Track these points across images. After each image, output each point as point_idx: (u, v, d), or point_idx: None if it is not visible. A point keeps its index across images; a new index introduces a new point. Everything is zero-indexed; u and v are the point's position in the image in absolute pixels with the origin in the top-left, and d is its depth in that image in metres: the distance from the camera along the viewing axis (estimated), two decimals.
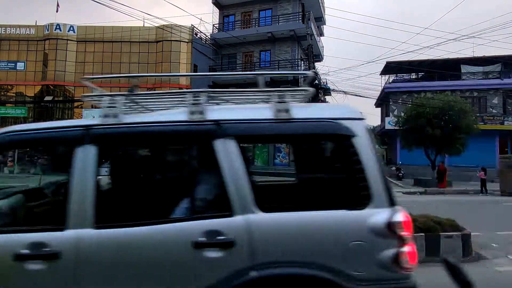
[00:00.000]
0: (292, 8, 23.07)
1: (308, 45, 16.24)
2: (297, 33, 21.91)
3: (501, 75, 23.13)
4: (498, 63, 23.19)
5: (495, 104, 22.65)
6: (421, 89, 23.64)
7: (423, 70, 25.14)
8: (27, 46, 22.95)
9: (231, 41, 23.12)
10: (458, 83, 23.26)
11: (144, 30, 22.22)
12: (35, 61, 22.90)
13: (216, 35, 23.97)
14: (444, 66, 23.94)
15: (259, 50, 23.75)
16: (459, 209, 9.11)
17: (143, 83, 22.34)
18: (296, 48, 22.95)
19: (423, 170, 20.65)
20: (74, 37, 22.64)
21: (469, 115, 16.51)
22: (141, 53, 22.33)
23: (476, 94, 22.99)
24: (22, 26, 23.23)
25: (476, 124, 17.16)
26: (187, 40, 21.89)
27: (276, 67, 22.48)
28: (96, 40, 22.60)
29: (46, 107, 22.59)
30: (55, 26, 22.43)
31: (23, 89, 23.22)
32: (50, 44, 22.44)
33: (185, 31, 21.75)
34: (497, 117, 22.16)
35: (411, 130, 17.23)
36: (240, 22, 24.42)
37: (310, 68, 15.94)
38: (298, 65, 21.74)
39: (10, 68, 22.95)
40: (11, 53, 23.06)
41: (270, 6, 23.73)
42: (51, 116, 22.75)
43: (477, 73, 23.93)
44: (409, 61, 24.66)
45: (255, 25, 23.68)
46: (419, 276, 4.42)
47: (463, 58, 24.12)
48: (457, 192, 15.83)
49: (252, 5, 24.11)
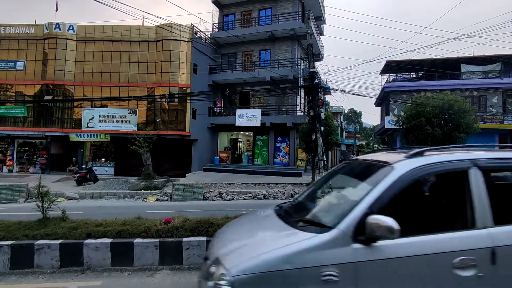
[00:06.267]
0: (292, 7, 23.07)
1: (308, 44, 16.20)
2: (297, 32, 21.92)
3: (501, 75, 23.13)
4: (498, 62, 23.20)
5: (495, 103, 22.67)
6: (421, 88, 23.67)
7: (423, 69, 25.15)
8: (27, 45, 22.89)
9: (231, 40, 23.12)
10: (458, 82, 23.26)
11: (143, 29, 22.17)
12: (34, 61, 22.84)
13: (216, 34, 23.96)
14: (444, 65, 23.95)
15: (259, 49, 23.76)
16: None
17: (143, 83, 22.35)
18: (296, 48, 22.96)
19: None
20: (74, 36, 22.59)
21: (469, 114, 16.50)
22: (140, 52, 22.28)
23: (476, 93, 23.00)
24: (21, 25, 23.18)
25: (477, 123, 17.16)
26: (187, 39, 21.85)
27: (276, 66, 22.50)
28: (95, 40, 22.55)
29: (46, 106, 22.55)
30: (55, 25, 22.37)
31: (22, 89, 23.16)
32: (50, 43, 22.38)
33: (185, 30, 21.72)
34: (496, 116, 22.18)
35: (411, 129, 17.23)
36: (240, 21, 24.41)
37: (310, 67, 15.91)
38: (298, 64, 21.72)
39: (10, 67, 22.90)
40: (11, 52, 23.00)
41: (270, 5, 23.73)
42: (50, 116, 22.73)
43: (477, 72, 23.93)
44: (409, 60, 24.68)
45: (255, 24, 23.68)
46: None
47: (463, 58, 24.12)
48: None
49: (252, 4, 24.11)
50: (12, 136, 23.26)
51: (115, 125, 21.81)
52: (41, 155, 23.36)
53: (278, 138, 22.74)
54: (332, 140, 17.59)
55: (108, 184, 15.69)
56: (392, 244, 2.04)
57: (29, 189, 12.75)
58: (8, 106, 23.02)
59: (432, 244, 2.08)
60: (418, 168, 2.28)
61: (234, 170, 21.57)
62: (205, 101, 22.73)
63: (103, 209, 10.39)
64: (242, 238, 2.49)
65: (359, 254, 2.03)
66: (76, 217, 5.61)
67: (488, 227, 2.14)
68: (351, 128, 53.77)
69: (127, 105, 22.10)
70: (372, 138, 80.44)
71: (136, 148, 16.43)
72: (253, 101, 24.05)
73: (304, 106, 22.90)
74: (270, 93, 22.66)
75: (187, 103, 21.69)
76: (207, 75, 23.51)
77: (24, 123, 22.93)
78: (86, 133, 22.07)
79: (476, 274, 2.01)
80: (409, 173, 2.25)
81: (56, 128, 22.50)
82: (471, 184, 2.23)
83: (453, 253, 2.05)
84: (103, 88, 22.52)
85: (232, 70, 23.91)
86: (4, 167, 23.39)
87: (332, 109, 43.44)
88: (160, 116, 22.15)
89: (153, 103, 22.38)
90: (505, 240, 2.10)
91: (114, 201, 13.01)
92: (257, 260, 2.03)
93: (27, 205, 11.33)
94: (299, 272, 1.97)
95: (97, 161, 23.52)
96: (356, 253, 2.03)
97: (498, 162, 2.43)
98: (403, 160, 2.38)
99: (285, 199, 12.70)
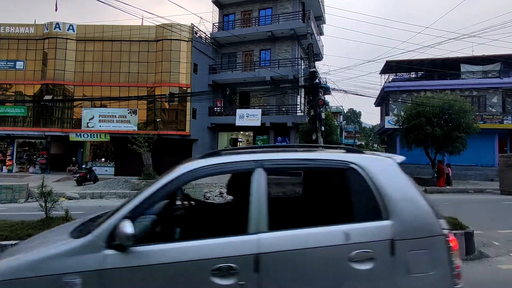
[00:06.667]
0: (292, 7, 23.08)
1: (309, 44, 16.20)
2: (297, 32, 21.92)
3: (500, 74, 23.18)
4: (497, 62, 23.25)
5: (495, 103, 22.71)
6: (420, 88, 23.71)
7: (422, 69, 25.19)
8: (27, 45, 22.85)
9: (231, 40, 23.12)
10: (458, 82, 23.30)
11: (144, 29, 22.15)
12: (34, 60, 22.80)
13: (216, 34, 23.95)
14: (444, 65, 23.98)
15: (259, 49, 23.76)
16: (459, 208, 9.14)
17: (143, 82, 22.33)
18: (296, 47, 22.97)
19: (423, 169, 20.73)
20: (74, 36, 22.55)
21: (469, 114, 16.53)
22: (140, 52, 22.26)
23: (475, 93, 23.04)
24: (21, 25, 23.14)
25: (476, 123, 17.20)
26: (187, 39, 21.84)
27: (276, 66, 22.50)
28: (95, 39, 22.52)
29: (46, 106, 22.53)
30: (55, 25, 22.34)
31: (22, 88, 23.12)
32: (50, 43, 22.34)
33: (185, 30, 21.70)
34: (496, 116, 22.22)
35: (411, 129, 17.26)
36: (240, 21, 24.41)
37: (310, 67, 15.91)
38: (298, 64, 21.73)
39: (9, 67, 22.85)
40: (10, 52, 22.96)
41: (270, 5, 23.73)
42: (50, 116, 22.71)
43: (476, 72, 23.98)
44: (409, 60, 24.71)
45: (255, 24, 23.68)
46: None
47: (463, 57, 24.16)
48: (457, 191, 15.89)
49: (252, 4, 24.11)
50: (12, 136, 23.23)
51: (115, 125, 21.79)
52: (41, 155, 23.33)
53: (278, 138, 22.75)
54: (333, 140, 17.65)
55: (108, 184, 15.67)
56: (151, 250, 1.92)
57: (30, 189, 12.74)
58: (8, 106, 22.99)
59: (192, 250, 1.93)
60: (197, 169, 2.15)
61: None
62: (205, 101, 22.73)
63: (104, 209, 10.37)
64: (27, 247, 2.26)
65: (110, 261, 1.89)
66: (78, 217, 5.61)
67: (261, 232, 1.98)
68: (350, 128, 53.84)
69: (127, 105, 22.08)
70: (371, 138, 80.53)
71: (137, 148, 16.42)
72: (253, 101, 24.06)
73: (304, 106, 22.91)
74: (270, 93, 22.67)
75: (187, 103, 21.68)
76: (207, 75, 23.51)
77: (24, 123, 22.89)
78: (86, 133, 22.05)
79: (236, 282, 1.87)
80: (186, 174, 2.13)
81: (56, 128, 22.47)
82: (252, 186, 2.07)
83: (212, 261, 1.89)
84: (103, 88, 22.50)
85: (232, 70, 23.91)
86: (3, 167, 23.35)
87: (331, 109, 43.47)
88: (160, 116, 22.14)
89: (153, 103, 22.38)
90: (273, 247, 1.93)
91: (114, 200, 13.00)
92: (3, 266, 1.94)
93: (27, 205, 11.32)
94: (40, 280, 1.84)
95: (97, 161, 23.49)
96: (106, 260, 1.89)
97: (282, 164, 2.25)
98: (191, 161, 2.28)
99: None
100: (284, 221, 2.05)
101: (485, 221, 7.55)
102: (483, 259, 4.89)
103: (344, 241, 1.95)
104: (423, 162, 20.45)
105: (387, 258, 1.94)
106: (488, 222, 7.47)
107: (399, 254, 1.94)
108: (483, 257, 4.96)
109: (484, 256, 5.00)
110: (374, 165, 2.17)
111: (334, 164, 2.21)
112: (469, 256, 4.90)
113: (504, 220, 8.17)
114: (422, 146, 17.51)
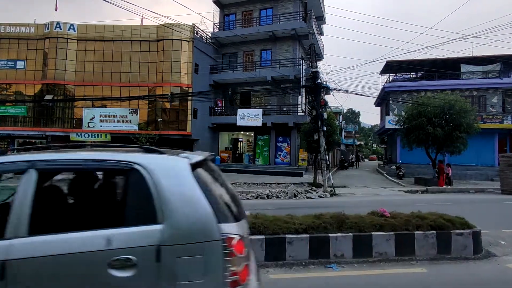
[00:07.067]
0: (293, 7, 23.11)
1: (311, 44, 16.24)
2: (298, 32, 21.96)
3: (500, 75, 23.28)
4: (497, 63, 23.34)
5: (495, 103, 22.80)
6: (421, 88, 23.79)
7: (423, 69, 25.26)
8: (27, 44, 22.79)
9: (232, 40, 23.14)
10: (458, 82, 23.38)
11: (144, 29, 22.14)
12: (35, 60, 22.74)
13: (217, 34, 23.96)
14: (444, 65, 24.06)
15: (260, 49, 23.79)
16: (462, 207, 9.18)
17: (144, 82, 22.32)
18: (297, 47, 23.01)
19: (424, 169, 20.81)
20: (74, 35, 22.51)
21: (470, 114, 16.60)
22: (141, 52, 22.24)
23: (475, 93, 23.12)
24: (21, 24, 23.07)
25: (477, 123, 17.26)
26: (188, 39, 21.84)
27: (277, 66, 22.53)
28: (96, 39, 22.49)
29: (46, 106, 22.48)
30: (55, 24, 22.29)
31: (22, 88, 23.06)
32: (50, 42, 22.29)
33: (186, 30, 21.70)
34: (496, 116, 22.30)
35: (412, 129, 17.31)
36: (241, 21, 24.43)
37: (312, 67, 15.95)
38: (299, 64, 21.77)
39: (10, 67, 22.78)
40: (11, 52, 22.89)
41: (271, 5, 23.76)
42: (51, 115, 22.66)
43: (476, 72, 24.07)
44: (409, 60, 24.77)
45: (256, 24, 23.70)
46: (430, 273, 4.46)
47: (463, 58, 24.25)
48: (458, 191, 15.96)
49: (253, 4, 24.13)
50: (12, 136, 23.17)
51: (116, 125, 21.77)
52: None
53: (279, 138, 22.77)
54: (334, 139, 17.64)
55: None
56: None
57: None
58: (8, 106, 22.92)
59: None
60: None
61: (235, 169, 21.59)
62: (206, 101, 22.73)
63: None
64: None
65: None
66: None
67: (18, 237, 1.85)
68: (350, 128, 53.87)
69: (128, 105, 22.06)
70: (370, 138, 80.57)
71: None
72: (254, 101, 24.08)
73: (306, 106, 22.94)
74: (271, 93, 22.70)
75: (188, 102, 21.68)
76: (208, 74, 23.51)
77: (24, 123, 22.84)
78: (87, 133, 22.02)
79: None
80: None
81: (57, 128, 22.43)
82: (19, 187, 1.96)
83: None
84: (104, 88, 22.47)
85: (233, 69, 23.93)
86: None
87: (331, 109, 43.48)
88: (161, 116, 22.13)
89: (154, 103, 22.36)
90: (25, 252, 1.80)
91: None
92: None
93: None
94: None
95: None
96: None
97: (58, 164, 2.15)
98: None
99: (288, 199, 12.74)
100: (53, 226, 1.93)
101: (490, 220, 7.59)
102: (491, 258, 4.92)
103: (105, 247, 1.82)
104: (423, 162, 20.54)
105: (151, 265, 1.81)
106: (492, 221, 7.51)
107: (165, 261, 1.81)
108: (490, 256, 5.00)
109: (491, 255, 5.03)
110: (160, 166, 2.03)
111: (117, 164, 2.06)
112: (477, 256, 4.93)
113: (508, 219, 8.23)
114: (423, 146, 17.56)
